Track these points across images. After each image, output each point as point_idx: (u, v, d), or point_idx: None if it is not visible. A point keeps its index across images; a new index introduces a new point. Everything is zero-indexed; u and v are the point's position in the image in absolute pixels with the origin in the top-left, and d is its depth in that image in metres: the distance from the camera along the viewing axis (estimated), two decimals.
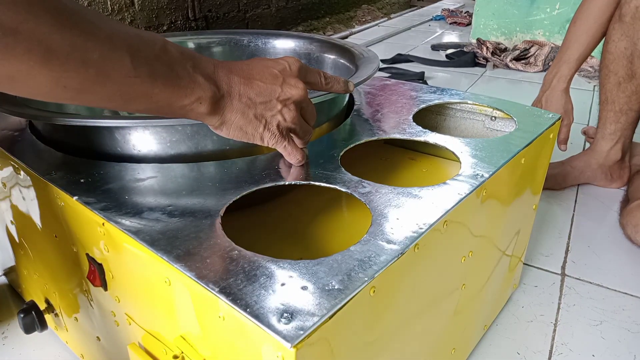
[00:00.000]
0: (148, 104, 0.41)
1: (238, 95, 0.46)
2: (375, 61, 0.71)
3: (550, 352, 0.76)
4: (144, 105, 0.41)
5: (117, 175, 0.51)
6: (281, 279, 0.37)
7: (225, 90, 0.46)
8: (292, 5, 2.95)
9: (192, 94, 0.43)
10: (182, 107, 0.43)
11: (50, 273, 0.64)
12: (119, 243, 0.44)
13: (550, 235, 1.04)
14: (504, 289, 0.80)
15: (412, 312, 0.48)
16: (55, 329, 0.74)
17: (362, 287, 0.36)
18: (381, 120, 0.68)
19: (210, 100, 0.44)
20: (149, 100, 0.41)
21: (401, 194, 0.49)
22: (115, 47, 0.37)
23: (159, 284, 0.41)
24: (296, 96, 0.49)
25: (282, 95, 0.48)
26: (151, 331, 0.47)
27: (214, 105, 0.45)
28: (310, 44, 0.86)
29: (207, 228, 0.43)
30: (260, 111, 0.47)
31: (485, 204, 0.56)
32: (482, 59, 2.30)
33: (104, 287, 0.51)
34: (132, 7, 1.97)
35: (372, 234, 0.43)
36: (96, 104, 0.39)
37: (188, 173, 0.52)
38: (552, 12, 2.36)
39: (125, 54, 0.38)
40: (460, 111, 0.81)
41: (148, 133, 0.53)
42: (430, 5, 3.99)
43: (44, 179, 0.51)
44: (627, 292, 0.88)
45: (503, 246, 0.71)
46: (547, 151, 0.74)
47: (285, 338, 0.32)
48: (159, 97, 0.41)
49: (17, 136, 0.62)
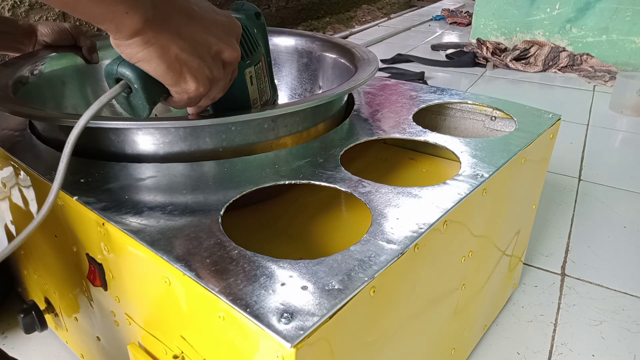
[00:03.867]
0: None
1: (174, 28, 0.40)
2: (373, 63, 0.71)
3: (550, 352, 0.76)
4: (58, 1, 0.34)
5: (117, 175, 0.51)
6: (281, 279, 0.37)
7: (161, 16, 0.39)
8: (292, 5, 2.95)
9: (123, 1, 0.36)
10: (106, 14, 0.36)
11: (50, 273, 0.64)
12: (119, 243, 0.44)
13: (550, 235, 1.04)
14: (504, 289, 0.80)
15: (412, 312, 0.48)
16: (55, 329, 0.74)
17: (362, 287, 0.36)
18: (381, 120, 0.68)
19: (141, 16, 0.37)
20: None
21: (401, 194, 0.49)
22: None
23: (159, 284, 0.41)
24: (231, 59, 0.45)
25: (222, 51, 0.44)
26: (151, 331, 0.47)
27: (142, 24, 0.38)
28: (312, 43, 0.86)
29: (207, 228, 0.43)
30: (187, 55, 0.41)
31: (485, 204, 0.56)
32: (482, 59, 2.30)
33: (104, 287, 0.51)
34: None
35: (372, 234, 0.43)
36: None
37: (188, 172, 0.52)
38: (552, 12, 2.36)
39: None
40: (460, 111, 0.81)
41: (148, 133, 0.53)
42: (430, 5, 3.99)
43: (44, 179, 0.51)
44: (627, 292, 0.88)
45: (503, 246, 0.71)
46: (547, 151, 0.74)
47: (285, 338, 0.32)
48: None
49: (17, 136, 0.62)
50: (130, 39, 0.38)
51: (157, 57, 0.40)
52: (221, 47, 0.44)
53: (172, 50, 0.40)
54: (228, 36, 0.45)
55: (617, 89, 1.76)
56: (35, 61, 0.72)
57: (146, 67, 0.41)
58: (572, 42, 2.35)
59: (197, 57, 0.42)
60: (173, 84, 0.42)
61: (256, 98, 0.56)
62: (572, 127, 1.61)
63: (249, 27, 0.52)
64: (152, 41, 0.39)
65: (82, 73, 0.79)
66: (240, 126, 0.54)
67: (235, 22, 0.47)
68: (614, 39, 2.25)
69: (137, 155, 0.54)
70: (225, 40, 0.44)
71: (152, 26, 0.38)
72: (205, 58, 0.43)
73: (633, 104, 1.71)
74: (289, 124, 0.58)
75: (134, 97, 0.42)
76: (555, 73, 2.23)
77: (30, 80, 0.69)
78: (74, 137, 0.41)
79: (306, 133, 0.61)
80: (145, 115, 0.44)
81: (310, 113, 0.60)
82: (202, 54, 0.42)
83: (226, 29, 0.45)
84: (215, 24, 0.44)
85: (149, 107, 0.43)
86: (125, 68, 0.41)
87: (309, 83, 0.87)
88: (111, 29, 0.38)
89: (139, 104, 0.43)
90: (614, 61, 2.26)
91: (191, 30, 0.41)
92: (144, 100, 0.42)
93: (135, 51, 0.39)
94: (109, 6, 0.36)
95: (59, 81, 0.75)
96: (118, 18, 0.36)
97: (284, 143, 0.58)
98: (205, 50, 0.43)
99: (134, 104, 0.43)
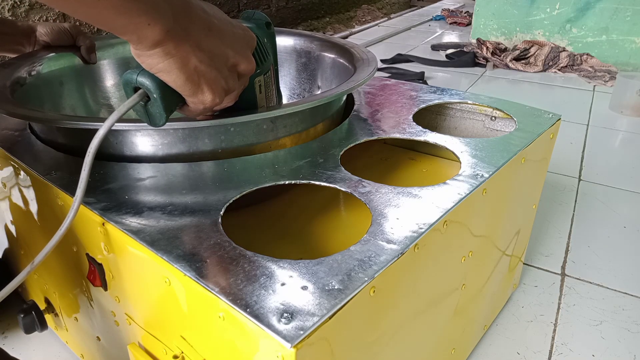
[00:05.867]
0: (88, 9, 0.35)
1: (194, 40, 0.41)
2: (372, 64, 0.71)
3: (550, 352, 0.76)
4: (82, 11, 0.35)
5: (117, 175, 0.51)
6: (281, 279, 0.37)
7: (182, 27, 0.40)
8: (292, 5, 2.95)
9: (145, 13, 0.36)
10: (128, 25, 0.36)
11: (50, 273, 0.64)
12: (119, 243, 0.44)
13: (550, 235, 1.04)
14: (504, 289, 0.80)
15: (412, 312, 0.48)
16: (55, 329, 0.74)
17: (362, 287, 0.36)
18: (381, 120, 0.68)
19: (162, 28, 0.38)
20: (92, 5, 0.34)
21: (401, 194, 0.49)
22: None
23: (159, 284, 0.41)
24: (246, 71, 0.46)
25: (239, 64, 0.45)
26: (151, 331, 0.47)
27: (163, 35, 0.38)
28: (310, 42, 0.86)
29: (207, 228, 0.43)
30: (205, 67, 0.42)
31: (485, 204, 0.56)
32: (482, 59, 2.30)
33: (104, 287, 0.51)
34: None
35: (372, 234, 0.43)
36: None
37: (188, 172, 0.52)
38: (552, 12, 2.36)
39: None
40: (460, 111, 0.81)
41: (147, 135, 0.53)
42: (430, 5, 3.99)
43: (44, 179, 0.51)
44: (627, 292, 0.88)
45: (503, 246, 0.71)
46: (547, 151, 0.74)
47: (285, 338, 0.32)
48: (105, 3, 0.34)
49: (17, 136, 0.62)
50: (151, 49, 0.39)
51: (177, 68, 0.40)
52: (238, 59, 0.45)
53: (192, 62, 0.41)
54: (244, 49, 0.45)
55: (617, 89, 1.76)
56: (33, 62, 0.72)
57: (166, 78, 0.41)
58: (572, 42, 2.35)
59: (215, 69, 0.43)
60: (190, 94, 0.43)
61: (263, 106, 0.56)
62: (572, 127, 1.61)
63: (260, 36, 0.53)
64: (173, 52, 0.40)
65: (80, 74, 0.79)
66: (240, 127, 0.54)
67: (251, 35, 0.47)
68: (614, 39, 2.25)
69: (135, 156, 0.54)
70: (241, 53, 0.45)
71: (173, 38, 0.39)
72: (222, 70, 0.44)
73: (633, 104, 1.71)
74: (288, 125, 0.58)
75: (152, 106, 0.43)
76: (555, 73, 2.23)
77: (28, 81, 0.69)
78: (95, 146, 0.42)
79: (305, 133, 0.61)
80: (161, 124, 0.44)
81: (310, 114, 0.60)
82: (219, 66, 0.43)
83: (242, 42, 0.45)
84: (232, 37, 0.44)
85: (165, 115, 0.44)
86: (145, 78, 0.42)
87: (308, 83, 0.87)
88: (133, 40, 0.38)
89: (157, 113, 0.43)
90: (614, 61, 2.26)
91: (210, 42, 0.42)
92: (161, 109, 0.43)
93: (156, 62, 0.40)
94: (131, 18, 0.36)
95: (57, 82, 0.75)
96: (140, 29, 0.37)
97: (284, 144, 0.58)
98: (223, 63, 0.43)
99: (152, 112, 0.44)
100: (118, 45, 0.84)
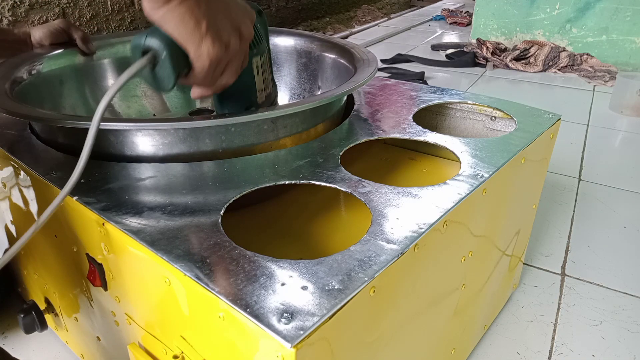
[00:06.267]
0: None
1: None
2: (372, 64, 0.71)
3: (550, 352, 0.76)
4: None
5: (117, 175, 0.51)
6: (281, 279, 0.37)
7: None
8: (292, 5, 2.95)
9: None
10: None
11: (50, 273, 0.64)
12: (119, 243, 0.44)
13: (550, 235, 1.04)
14: (504, 289, 0.80)
15: (412, 312, 0.48)
16: (55, 329, 0.74)
17: (362, 287, 0.36)
18: (381, 120, 0.68)
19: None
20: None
21: (401, 194, 0.49)
22: None
23: (159, 284, 0.41)
24: (246, 34, 0.49)
25: (240, 26, 0.48)
26: (151, 331, 0.47)
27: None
28: (311, 43, 0.86)
29: (207, 228, 0.43)
30: (211, 17, 0.45)
31: (485, 204, 0.56)
32: (482, 59, 2.30)
33: (104, 287, 0.51)
34: (132, 7, 1.97)
35: (372, 234, 0.43)
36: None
37: (188, 173, 0.52)
38: (552, 12, 2.36)
39: None
40: (460, 111, 0.81)
41: (147, 135, 0.53)
42: (430, 5, 3.99)
43: (44, 179, 0.51)
44: (627, 292, 0.88)
45: (503, 246, 0.71)
46: (547, 151, 0.74)
47: (285, 338, 0.32)
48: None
49: (17, 136, 0.62)
50: (164, 5, 0.42)
51: (188, 16, 0.43)
52: (239, 22, 0.48)
53: (200, 9, 0.44)
54: (245, 17, 0.49)
55: (617, 89, 1.76)
56: (33, 61, 0.72)
57: (174, 29, 0.43)
58: (572, 42, 2.35)
59: (220, 22, 0.46)
60: (196, 46, 0.44)
61: (261, 88, 0.59)
62: (572, 127, 1.61)
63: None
64: (184, 1, 0.43)
65: (80, 73, 0.79)
66: (240, 127, 0.54)
67: (251, 9, 0.51)
68: (614, 39, 2.25)
69: (136, 156, 0.54)
70: (243, 20, 0.49)
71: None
72: (226, 26, 0.46)
73: (633, 104, 1.71)
74: (288, 125, 0.58)
75: (160, 68, 0.45)
76: (555, 73, 2.23)
77: (29, 80, 0.69)
78: (102, 107, 0.42)
79: (306, 134, 0.61)
80: (170, 87, 0.46)
81: (310, 114, 0.60)
82: (223, 22, 0.46)
83: (244, 11, 0.50)
84: (236, 4, 0.49)
85: (174, 77, 0.45)
86: (153, 37, 0.44)
87: (308, 83, 0.87)
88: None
89: (165, 75, 0.45)
90: (614, 61, 2.26)
91: (217, 3, 0.46)
92: (170, 70, 0.44)
93: (167, 12, 0.43)
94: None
95: (57, 81, 0.75)
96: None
97: (284, 144, 0.58)
98: (227, 20, 0.47)
99: (160, 75, 0.45)
100: (118, 45, 0.84)
